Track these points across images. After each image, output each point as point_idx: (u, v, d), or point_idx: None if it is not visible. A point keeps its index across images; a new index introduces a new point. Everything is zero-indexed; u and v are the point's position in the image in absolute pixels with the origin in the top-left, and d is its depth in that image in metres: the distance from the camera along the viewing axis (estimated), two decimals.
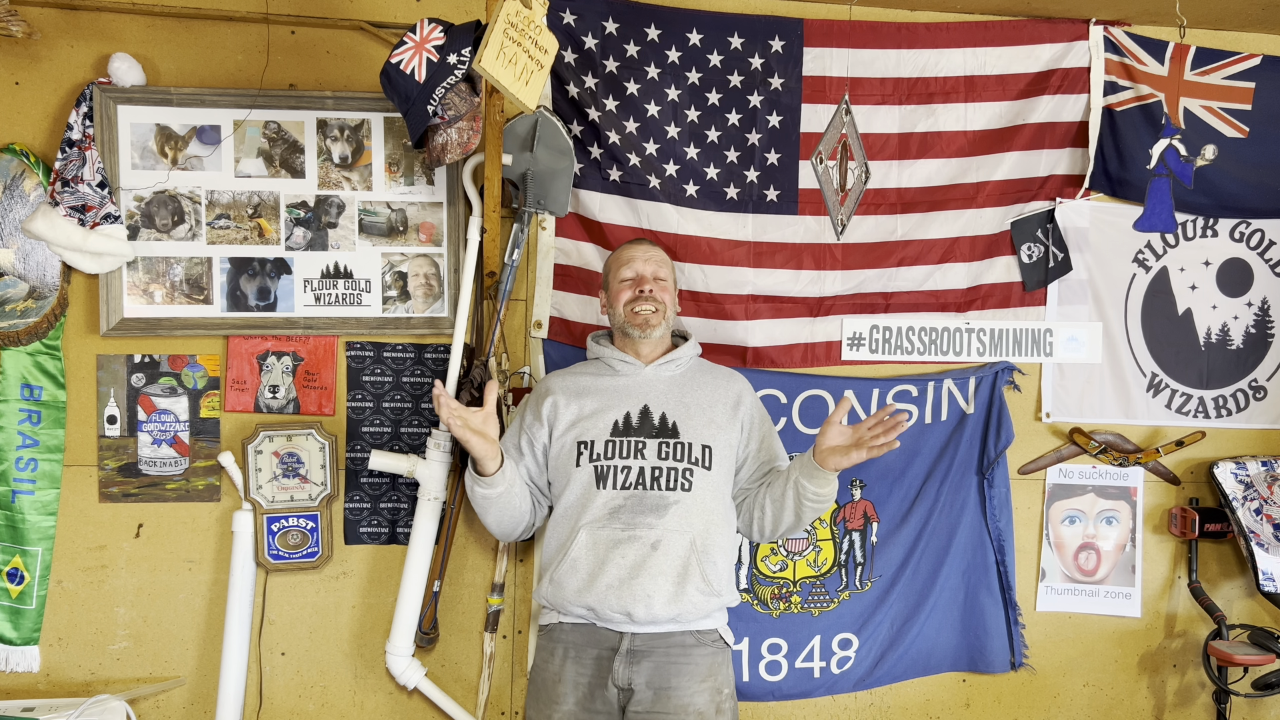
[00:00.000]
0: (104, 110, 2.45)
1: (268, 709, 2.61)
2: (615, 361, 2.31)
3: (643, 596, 2.09)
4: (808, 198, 2.80)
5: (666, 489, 2.16)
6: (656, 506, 2.15)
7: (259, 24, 2.57)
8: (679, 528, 2.14)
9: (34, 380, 2.50)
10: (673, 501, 2.16)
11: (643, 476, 2.17)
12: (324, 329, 2.59)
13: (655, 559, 2.11)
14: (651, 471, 2.18)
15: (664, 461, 2.18)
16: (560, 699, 2.15)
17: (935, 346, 2.87)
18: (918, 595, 2.82)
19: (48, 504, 2.51)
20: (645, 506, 2.15)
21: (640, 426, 2.22)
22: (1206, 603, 2.88)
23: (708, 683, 2.14)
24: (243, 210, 2.56)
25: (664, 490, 2.16)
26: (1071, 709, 2.97)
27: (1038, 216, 2.88)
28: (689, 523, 2.15)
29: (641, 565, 2.11)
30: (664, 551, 2.12)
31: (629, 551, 2.12)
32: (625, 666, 2.12)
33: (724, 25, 2.73)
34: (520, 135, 2.55)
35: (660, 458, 2.19)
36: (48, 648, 2.54)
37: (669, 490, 2.16)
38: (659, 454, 2.19)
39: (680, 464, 2.18)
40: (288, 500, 2.56)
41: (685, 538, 2.14)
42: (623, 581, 2.10)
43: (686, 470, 2.19)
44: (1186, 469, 3.00)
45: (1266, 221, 3.00)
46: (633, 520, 2.14)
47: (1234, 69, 2.90)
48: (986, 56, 2.82)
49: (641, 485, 2.17)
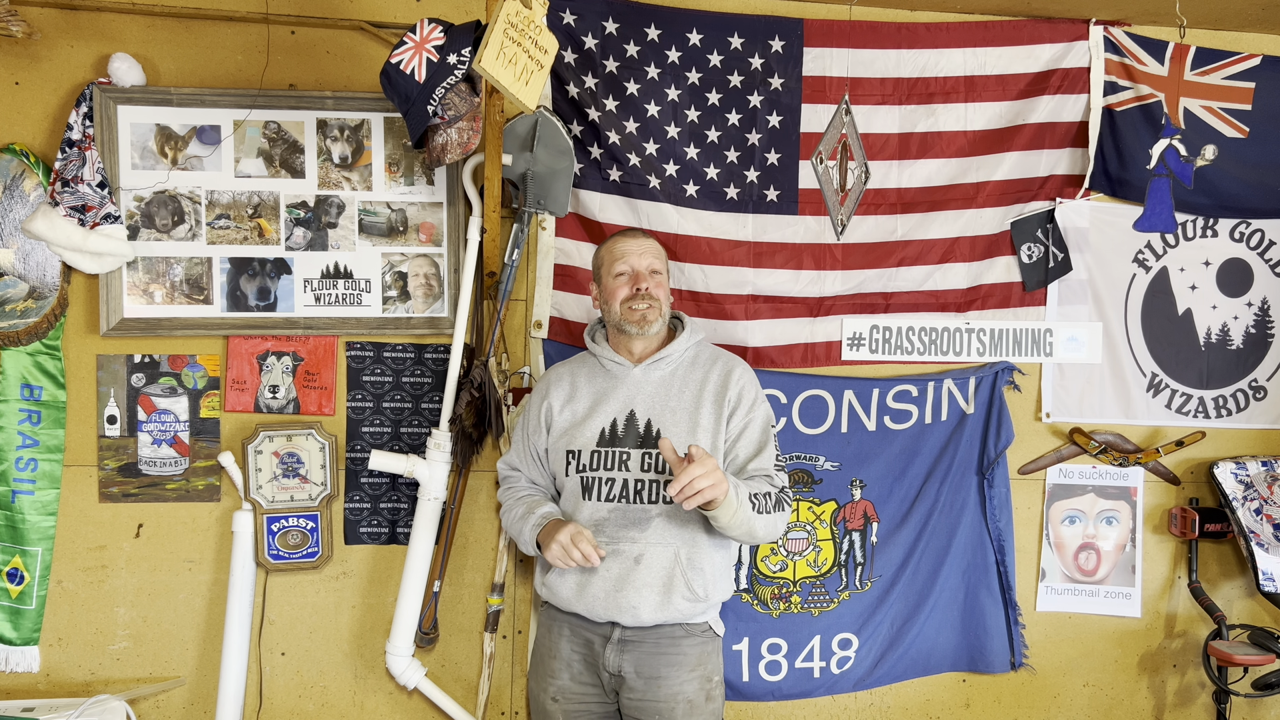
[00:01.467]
0: (104, 110, 2.45)
1: (268, 709, 2.61)
2: (607, 361, 2.28)
3: (628, 608, 2.11)
4: (808, 198, 2.80)
5: (649, 502, 2.14)
6: (639, 520, 2.14)
7: (259, 24, 2.57)
8: (661, 540, 2.13)
9: (34, 380, 2.50)
10: (655, 515, 2.14)
11: (626, 489, 2.16)
12: (324, 329, 2.59)
13: (638, 573, 2.11)
14: (635, 484, 2.15)
15: (646, 474, 2.16)
16: (556, 673, 2.21)
17: (935, 346, 2.87)
18: (918, 595, 2.82)
19: (48, 504, 2.51)
20: (628, 520, 2.14)
21: (625, 435, 2.19)
22: (1206, 603, 2.88)
23: (697, 671, 2.17)
24: (243, 210, 2.55)
25: (646, 504, 2.14)
26: (1071, 709, 2.97)
27: (1038, 216, 2.88)
28: (671, 535, 2.14)
29: (625, 579, 2.11)
30: (647, 565, 2.12)
31: (613, 566, 2.12)
32: (616, 654, 2.15)
33: (724, 25, 2.72)
34: (520, 135, 2.54)
35: (643, 469, 2.16)
36: (48, 648, 2.54)
37: (651, 503, 2.14)
38: (642, 465, 2.16)
39: (663, 475, 2.15)
40: (288, 500, 2.56)
41: (668, 550, 2.13)
42: (608, 594, 2.12)
43: (669, 482, 2.12)
44: (1186, 469, 3.00)
45: (1266, 221, 2.99)
46: (616, 534, 2.14)
47: (1234, 69, 2.90)
48: (986, 56, 2.82)
49: (625, 498, 2.15)
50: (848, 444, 2.80)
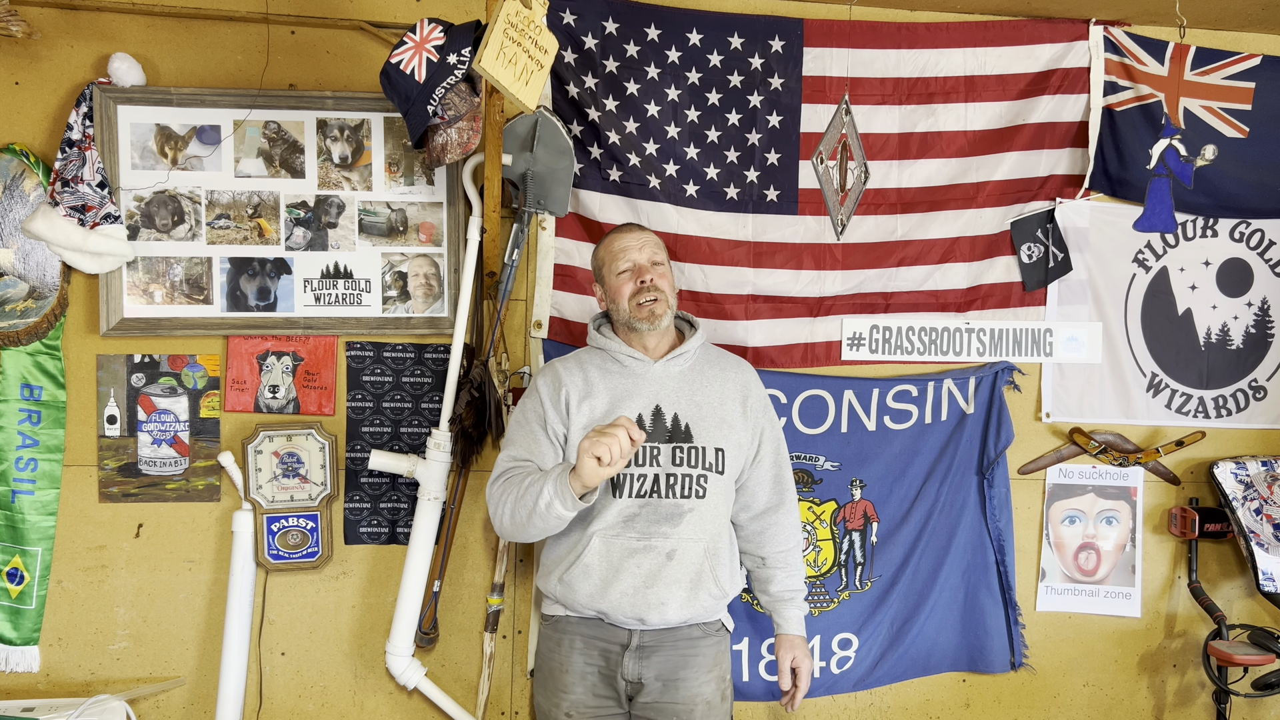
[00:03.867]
0: (104, 110, 2.45)
1: (268, 709, 2.61)
2: (623, 357, 2.21)
3: (657, 604, 2.09)
4: (808, 198, 2.80)
5: (681, 496, 2.12)
6: (671, 515, 2.11)
7: (259, 24, 2.57)
8: (694, 535, 2.12)
9: (34, 380, 2.50)
10: (687, 509, 2.12)
11: (657, 484, 2.12)
12: (324, 329, 2.59)
13: (670, 568, 2.10)
14: (666, 479, 2.12)
15: (678, 468, 2.13)
16: (568, 688, 2.16)
17: (935, 346, 2.87)
18: (918, 595, 2.82)
19: (48, 504, 2.51)
20: (660, 515, 2.11)
21: (654, 430, 2.15)
22: (1206, 603, 2.88)
23: (714, 672, 2.17)
24: (243, 210, 2.55)
25: (679, 498, 2.12)
26: (1071, 709, 2.97)
27: (1038, 216, 2.88)
28: (703, 530, 2.13)
29: (657, 575, 2.09)
30: (679, 561, 2.11)
31: (644, 561, 2.10)
32: (635, 662, 2.13)
33: (724, 25, 2.72)
34: (520, 135, 2.54)
35: (674, 464, 2.13)
36: (48, 648, 2.54)
37: (683, 498, 2.12)
38: (673, 460, 2.14)
39: (695, 470, 2.14)
40: (288, 500, 2.56)
41: (699, 545, 2.13)
42: (637, 590, 2.09)
43: (701, 476, 2.15)
44: (1186, 469, 3.00)
45: (1266, 221, 2.99)
46: (648, 530, 2.10)
47: (1234, 69, 2.90)
48: (986, 56, 2.82)
49: (656, 493, 2.11)
50: (848, 444, 2.80)
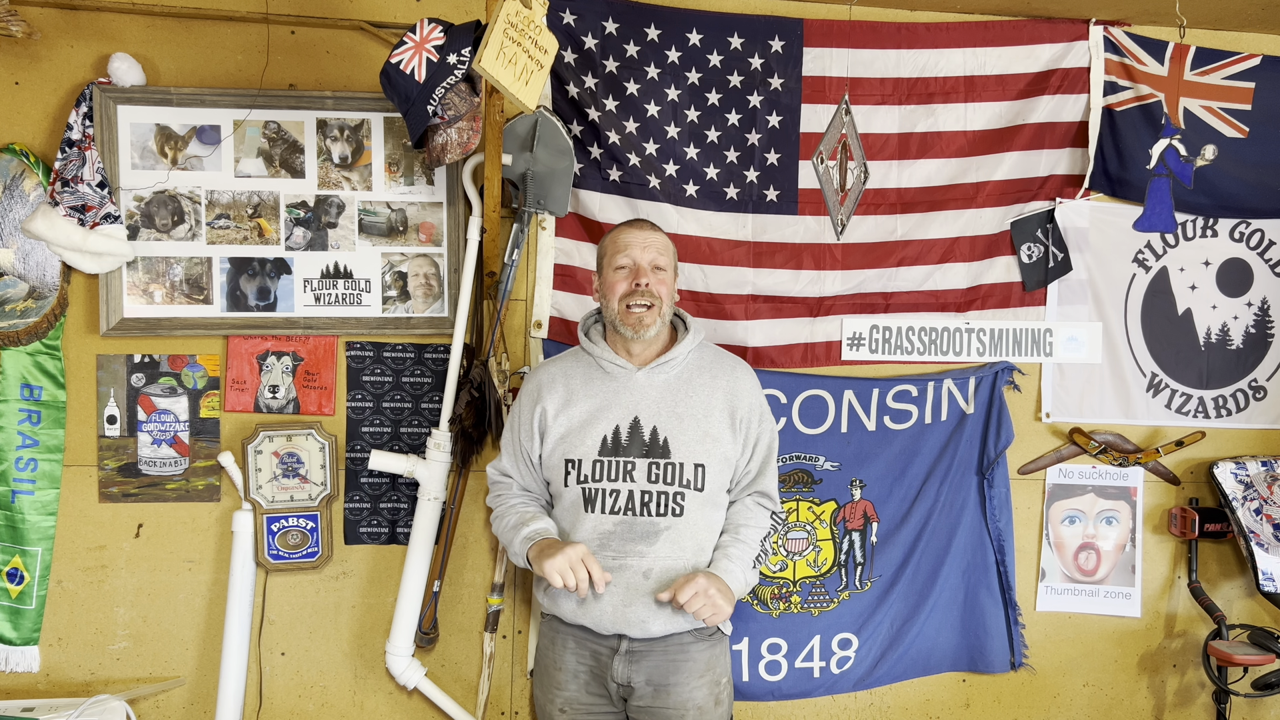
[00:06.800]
0: (104, 110, 2.45)
1: (268, 709, 2.61)
2: (605, 363, 2.16)
3: (637, 622, 2.06)
4: (808, 198, 2.80)
5: (657, 514, 2.06)
6: (647, 534, 2.06)
7: (259, 24, 2.57)
8: (671, 554, 2.07)
9: (34, 380, 2.50)
10: (664, 528, 2.06)
11: (632, 501, 2.07)
12: (324, 329, 2.59)
13: (648, 587, 2.05)
14: (641, 496, 2.07)
15: (654, 485, 2.07)
16: (562, 685, 2.16)
17: (935, 346, 2.87)
18: (918, 595, 2.82)
19: (48, 504, 2.51)
20: (635, 534, 2.06)
21: (630, 444, 2.09)
22: (1206, 603, 2.88)
23: (706, 677, 2.13)
24: (243, 210, 2.55)
25: (654, 516, 2.06)
26: (1071, 709, 2.97)
27: (1038, 216, 2.88)
28: (681, 548, 2.08)
29: (635, 595, 2.06)
30: (656, 580, 2.05)
31: (620, 580, 2.05)
32: (625, 666, 2.11)
33: (724, 25, 2.72)
34: (520, 135, 2.55)
35: (650, 480, 2.07)
36: (48, 648, 2.54)
37: (659, 516, 2.07)
38: (649, 476, 2.07)
39: (671, 487, 2.07)
40: (288, 500, 2.56)
41: (678, 564, 2.07)
42: (616, 609, 2.06)
43: (678, 494, 2.08)
44: (1186, 469, 3.00)
45: (1266, 221, 2.99)
46: (623, 549, 2.06)
47: (1234, 69, 2.90)
48: (986, 57, 2.82)
49: (631, 511, 2.06)
50: (847, 444, 2.80)
